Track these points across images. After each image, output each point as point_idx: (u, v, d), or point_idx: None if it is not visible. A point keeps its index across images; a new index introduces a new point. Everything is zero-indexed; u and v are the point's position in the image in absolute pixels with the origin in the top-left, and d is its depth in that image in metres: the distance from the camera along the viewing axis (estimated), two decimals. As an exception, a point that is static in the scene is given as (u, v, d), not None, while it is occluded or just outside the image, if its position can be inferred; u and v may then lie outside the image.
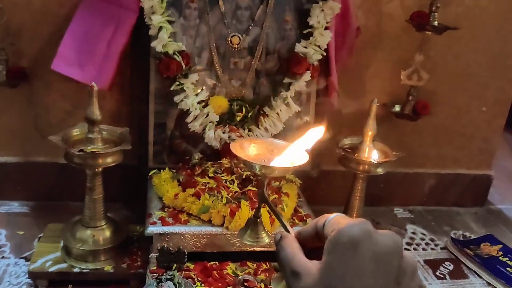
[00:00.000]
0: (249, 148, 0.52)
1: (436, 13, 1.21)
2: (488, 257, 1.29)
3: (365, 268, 0.36)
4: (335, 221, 0.41)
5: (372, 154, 1.12)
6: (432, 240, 1.38)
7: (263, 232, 0.54)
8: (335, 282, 0.37)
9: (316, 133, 0.50)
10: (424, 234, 1.40)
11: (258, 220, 0.53)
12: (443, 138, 1.48)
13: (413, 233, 1.40)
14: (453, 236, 1.38)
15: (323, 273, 0.37)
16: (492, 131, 1.50)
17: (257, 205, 0.54)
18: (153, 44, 1.09)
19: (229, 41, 1.17)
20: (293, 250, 0.42)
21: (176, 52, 1.11)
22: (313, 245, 0.43)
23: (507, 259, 1.29)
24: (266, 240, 0.54)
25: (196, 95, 1.15)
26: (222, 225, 1.00)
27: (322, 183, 1.37)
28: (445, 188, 1.54)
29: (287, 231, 0.45)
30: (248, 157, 0.51)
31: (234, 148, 0.50)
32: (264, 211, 0.98)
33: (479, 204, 1.59)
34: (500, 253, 1.31)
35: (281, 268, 0.42)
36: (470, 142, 1.50)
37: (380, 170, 1.12)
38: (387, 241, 0.37)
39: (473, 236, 1.41)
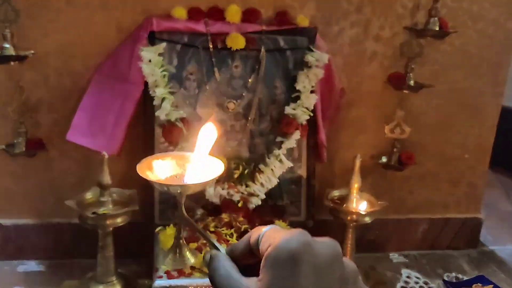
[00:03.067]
0: (157, 168, 0.48)
1: (411, 74, 1.34)
2: (479, 298, 1.35)
3: (307, 282, 0.34)
4: (269, 234, 0.38)
5: (360, 204, 1.22)
6: (426, 283, 1.44)
7: (187, 253, 0.51)
8: None
9: (209, 134, 0.48)
10: (418, 278, 1.46)
11: (180, 241, 0.51)
12: (430, 185, 1.57)
13: (408, 277, 1.47)
14: (446, 279, 1.45)
15: None
16: (477, 177, 1.60)
17: (175, 234, 0.53)
18: (157, 113, 1.22)
19: (226, 107, 1.29)
20: (227, 270, 0.39)
21: (178, 119, 1.23)
22: (247, 261, 0.40)
23: (498, 299, 1.35)
24: (192, 260, 0.52)
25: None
26: (222, 276, 1.08)
27: (317, 233, 1.45)
28: (437, 233, 1.62)
29: (217, 249, 0.42)
30: (159, 179, 0.47)
31: (142, 171, 0.47)
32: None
33: (472, 246, 1.66)
34: (491, 293, 1.38)
35: None
36: (457, 188, 1.59)
37: (367, 219, 1.22)
38: (326, 251, 0.35)
39: (465, 278, 1.48)
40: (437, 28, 1.29)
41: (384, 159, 1.45)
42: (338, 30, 1.37)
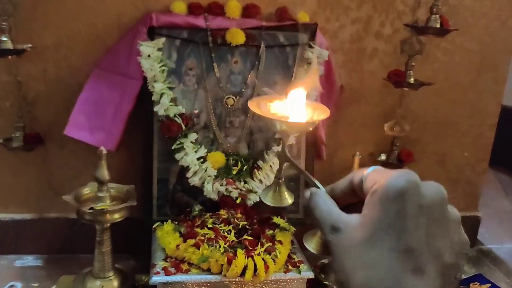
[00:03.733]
0: (266, 107, 0.49)
1: (411, 71, 1.33)
2: (477, 296, 1.35)
3: (411, 221, 0.34)
4: (375, 174, 0.38)
5: (358, 202, 1.21)
6: (423, 281, 1.44)
7: (285, 193, 0.51)
8: (380, 235, 0.35)
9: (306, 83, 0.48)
10: (416, 276, 1.46)
11: (280, 181, 0.51)
12: (429, 183, 1.57)
13: (406, 274, 1.47)
14: (444, 277, 1.45)
15: (367, 227, 0.35)
16: (476, 174, 1.60)
17: (276, 171, 0.52)
18: (155, 108, 1.21)
19: (225, 103, 1.29)
20: (328, 205, 0.39)
21: (177, 115, 1.23)
22: (346, 201, 0.41)
23: (495, 297, 1.35)
24: (289, 201, 0.52)
25: (195, 152, 1.26)
26: (220, 273, 1.08)
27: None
28: (435, 230, 1.62)
29: (317, 187, 0.43)
30: (269, 114, 0.48)
31: (252, 106, 0.48)
32: (258, 259, 1.07)
33: (470, 245, 1.66)
34: (489, 292, 1.38)
35: (318, 225, 0.40)
36: (455, 186, 1.59)
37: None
38: (433, 193, 0.36)
39: (463, 277, 1.48)
40: (438, 26, 1.28)
41: (383, 157, 1.45)
42: (339, 26, 1.36)
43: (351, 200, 0.41)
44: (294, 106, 0.48)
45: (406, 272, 0.34)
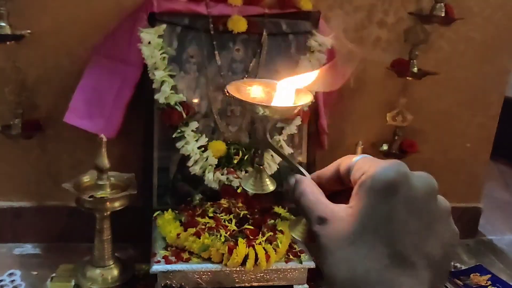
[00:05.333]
0: (246, 91, 0.48)
1: (415, 61, 1.32)
2: (477, 287, 1.35)
3: (399, 213, 0.34)
4: (363, 163, 0.37)
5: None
6: (424, 271, 1.44)
7: (267, 179, 0.49)
8: (368, 227, 0.34)
9: (309, 77, 0.47)
10: (416, 266, 1.46)
11: (262, 167, 0.50)
12: (431, 173, 1.55)
13: (406, 265, 1.46)
14: (444, 268, 1.45)
15: (355, 220, 0.35)
16: (478, 165, 1.59)
17: (257, 157, 0.50)
18: (156, 96, 1.20)
19: (226, 91, 1.27)
20: (315, 194, 0.39)
21: (178, 103, 1.21)
22: (332, 189, 0.40)
23: (496, 288, 1.35)
24: (271, 187, 0.50)
25: (196, 140, 1.25)
26: (221, 262, 1.08)
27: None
28: (436, 221, 1.61)
29: (301, 174, 0.41)
30: (249, 98, 0.47)
31: (231, 90, 0.46)
32: (259, 248, 1.06)
33: (471, 236, 1.66)
34: (489, 283, 1.37)
35: (303, 214, 0.39)
36: (457, 177, 1.58)
37: (368, 207, 1.20)
38: (422, 185, 0.35)
39: (463, 267, 1.47)
40: (443, 14, 1.26)
41: (385, 147, 1.44)
42: (342, 14, 1.34)
43: (338, 188, 0.40)
44: (276, 91, 0.46)
45: (393, 267, 0.33)
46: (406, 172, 0.34)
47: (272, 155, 1.29)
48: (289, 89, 0.46)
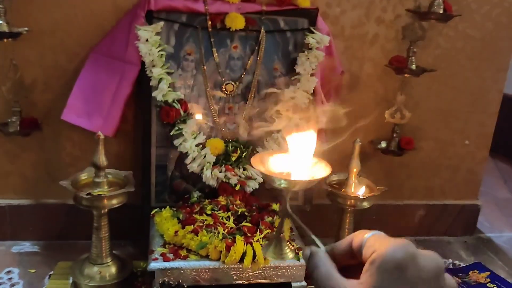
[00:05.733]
0: (268, 162, 0.51)
1: (413, 57, 1.31)
2: (476, 284, 1.35)
3: None
4: (374, 241, 0.39)
5: (358, 189, 1.20)
6: (422, 269, 1.44)
7: (286, 248, 0.52)
8: None
9: (310, 137, 0.50)
10: (414, 263, 1.46)
11: (281, 236, 0.52)
12: (429, 171, 1.56)
13: (404, 262, 1.46)
14: (443, 265, 1.45)
15: None
16: (476, 163, 1.59)
17: (277, 227, 0.54)
18: (154, 94, 1.20)
19: (224, 88, 1.27)
20: (328, 268, 0.40)
21: (175, 100, 1.21)
22: (345, 262, 0.42)
23: (494, 285, 1.35)
24: (290, 256, 0.53)
25: (194, 138, 1.25)
26: (219, 259, 1.08)
27: (314, 217, 1.45)
28: (434, 219, 1.61)
29: (317, 246, 0.44)
30: (270, 171, 0.49)
31: (255, 163, 0.49)
32: (257, 245, 1.06)
33: (469, 233, 1.66)
34: (488, 280, 1.37)
35: (316, 286, 0.40)
36: (456, 174, 1.58)
37: (365, 204, 1.20)
38: (430, 264, 0.36)
39: (462, 264, 1.47)
40: (441, 11, 1.26)
41: (383, 144, 1.44)
42: (340, 11, 1.34)
43: (350, 262, 0.41)
44: (296, 161, 0.49)
45: None
46: (414, 253, 0.36)
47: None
48: (307, 161, 0.49)
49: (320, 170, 0.49)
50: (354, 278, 0.38)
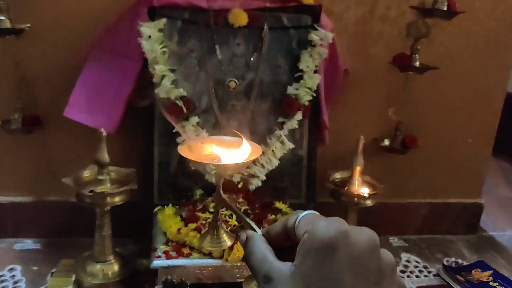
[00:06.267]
0: (199, 149, 0.49)
1: (417, 55, 1.31)
2: (479, 283, 1.34)
3: (342, 272, 0.34)
4: (307, 220, 0.38)
5: (361, 187, 1.20)
6: (425, 267, 1.43)
7: (224, 235, 0.51)
8: (311, 287, 0.34)
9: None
10: (417, 262, 1.46)
11: (218, 223, 0.50)
12: (432, 169, 1.56)
13: (407, 261, 1.46)
14: (446, 263, 1.44)
15: (297, 278, 0.35)
16: (480, 161, 1.58)
17: (213, 215, 0.52)
18: (156, 91, 1.19)
19: (227, 86, 1.27)
20: (263, 252, 0.39)
21: (178, 98, 1.21)
22: (282, 243, 0.41)
23: (497, 284, 1.34)
24: (228, 243, 0.52)
25: (197, 135, 1.24)
26: (221, 257, 1.07)
27: (318, 215, 1.45)
28: (437, 217, 1.61)
29: (253, 230, 0.43)
30: (199, 157, 0.47)
31: (182, 150, 0.47)
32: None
33: (472, 232, 1.65)
34: (491, 278, 1.37)
35: (252, 273, 0.39)
36: (459, 172, 1.58)
37: (369, 202, 1.20)
38: (363, 241, 0.35)
39: (465, 263, 1.47)
40: (445, 8, 1.25)
41: (386, 142, 1.43)
42: (344, 8, 1.33)
43: (287, 243, 0.40)
44: (226, 146, 0.48)
45: None
46: (346, 229, 0.35)
47: (273, 150, 1.28)
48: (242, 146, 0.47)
49: (251, 153, 0.47)
50: (290, 260, 0.37)
